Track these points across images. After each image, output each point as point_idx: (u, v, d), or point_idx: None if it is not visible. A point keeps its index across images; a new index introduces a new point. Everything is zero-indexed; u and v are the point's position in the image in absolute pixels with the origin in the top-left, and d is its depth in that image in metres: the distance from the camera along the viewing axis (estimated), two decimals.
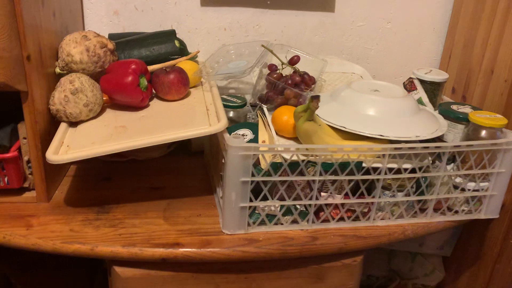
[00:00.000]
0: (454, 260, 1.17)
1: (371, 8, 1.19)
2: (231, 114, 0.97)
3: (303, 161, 0.75)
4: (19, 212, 0.79)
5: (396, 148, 0.77)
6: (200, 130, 0.74)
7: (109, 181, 0.92)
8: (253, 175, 0.74)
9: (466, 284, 1.13)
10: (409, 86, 1.02)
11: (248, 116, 1.05)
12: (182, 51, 1.01)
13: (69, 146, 0.76)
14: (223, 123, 0.75)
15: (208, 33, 1.15)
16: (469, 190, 0.86)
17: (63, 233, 0.75)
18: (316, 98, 0.75)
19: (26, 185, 0.82)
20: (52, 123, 0.84)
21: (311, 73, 1.00)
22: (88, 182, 0.91)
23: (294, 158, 0.75)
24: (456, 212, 0.88)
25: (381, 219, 0.84)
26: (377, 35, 1.23)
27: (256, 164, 0.76)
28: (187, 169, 0.99)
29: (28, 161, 0.80)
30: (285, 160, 0.75)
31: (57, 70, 0.85)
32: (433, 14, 1.23)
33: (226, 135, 0.74)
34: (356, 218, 0.83)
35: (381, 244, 0.82)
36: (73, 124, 0.83)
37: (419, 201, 0.84)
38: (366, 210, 0.83)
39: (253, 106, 1.04)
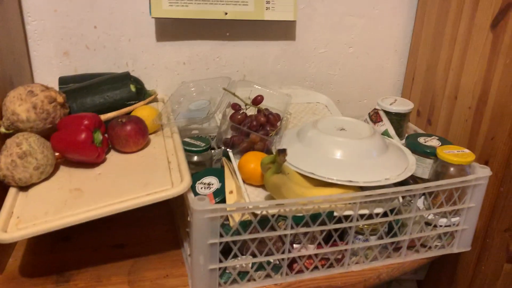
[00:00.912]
0: (429, 285, 1.18)
1: (332, 34, 1.17)
2: (195, 158, 0.93)
3: (273, 215, 0.72)
4: None
5: (366, 196, 0.75)
6: (161, 194, 0.70)
7: (67, 241, 0.86)
8: (221, 235, 0.71)
9: None
10: (374, 117, 1.00)
11: (213, 154, 1.01)
12: (139, 93, 0.96)
13: (20, 218, 0.69)
14: (186, 184, 0.71)
15: (166, 68, 1.10)
16: (441, 226, 0.85)
17: None
18: (282, 152, 0.72)
19: None
20: (0, 187, 0.77)
21: (276, 107, 0.98)
22: (44, 244, 0.84)
23: (264, 213, 0.71)
24: (430, 248, 0.87)
25: (356, 263, 0.82)
26: (340, 60, 1.21)
27: (224, 222, 0.72)
28: (151, 218, 0.94)
29: None
30: (255, 216, 0.72)
31: (2, 130, 0.79)
32: (394, 37, 1.22)
33: (191, 196, 0.70)
34: (331, 265, 0.81)
35: None
36: (23, 188, 0.77)
37: (392, 242, 0.83)
38: (340, 256, 0.81)
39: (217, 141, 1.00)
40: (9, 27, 0.89)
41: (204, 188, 0.83)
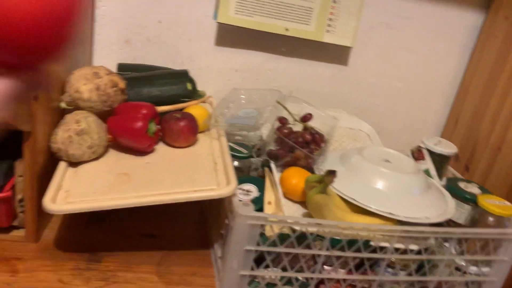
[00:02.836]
0: None
1: (384, 65, 1.19)
2: (235, 163, 0.94)
3: (311, 234, 0.73)
4: (5, 253, 0.75)
5: (406, 231, 0.75)
6: (208, 192, 0.71)
7: (102, 222, 0.87)
8: (257, 244, 0.71)
9: None
10: (417, 154, 1.01)
11: (252, 162, 1.02)
12: (193, 92, 0.98)
13: (68, 192, 0.72)
14: (232, 187, 0.72)
15: (219, 72, 1.13)
16: (470, 274, 0.85)
17: (51, 284, 0.70)
18: (332, 173, 0.73)
19: (15, 223, 0.77)
20: (51, 159, 0.79)
21: (321, 127, 0.99)
22: (80, 221, 0.86)
23: (303, 229, 0.72)
24: None
25: None
26: (386, 92, 1.22)
27: (261, 231, 0.73)
28: (183, 215, 0.95)
29: (21, 200, 0.75)
30: (294, 231, 0.72)
31: (62, 105, 0.81)
32: (444, 78, 1.23)
33: (236, 201, 0.71)
34: None
35: None
36: (73, 164, 0.79)
37: (420, 280, 0.82)
38: (366, 285, 0.81)
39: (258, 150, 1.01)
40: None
41: (243, 194, 0.84)
